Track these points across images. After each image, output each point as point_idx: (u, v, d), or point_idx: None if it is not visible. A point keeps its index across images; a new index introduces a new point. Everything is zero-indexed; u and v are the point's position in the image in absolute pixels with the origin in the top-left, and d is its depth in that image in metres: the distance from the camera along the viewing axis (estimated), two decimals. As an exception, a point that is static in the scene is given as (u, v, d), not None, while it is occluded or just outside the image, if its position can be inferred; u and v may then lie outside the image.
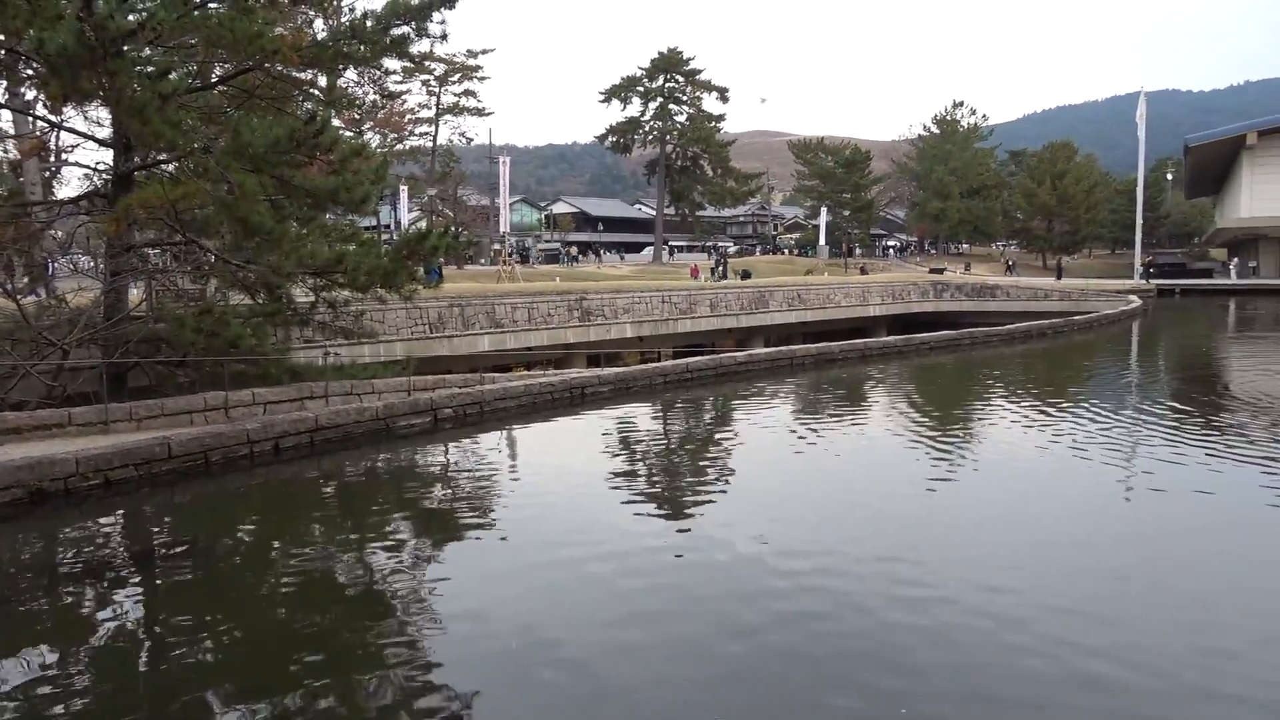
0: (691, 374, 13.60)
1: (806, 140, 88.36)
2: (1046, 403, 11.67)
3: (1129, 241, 57.79)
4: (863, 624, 4.55)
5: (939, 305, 39.12)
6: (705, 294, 30.19)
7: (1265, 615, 4.66)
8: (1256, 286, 46.39)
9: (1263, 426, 9.59)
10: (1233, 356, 18.71)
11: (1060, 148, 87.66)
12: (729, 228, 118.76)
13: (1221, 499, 6.88)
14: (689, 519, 6.56)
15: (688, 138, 66.02)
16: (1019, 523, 6.39)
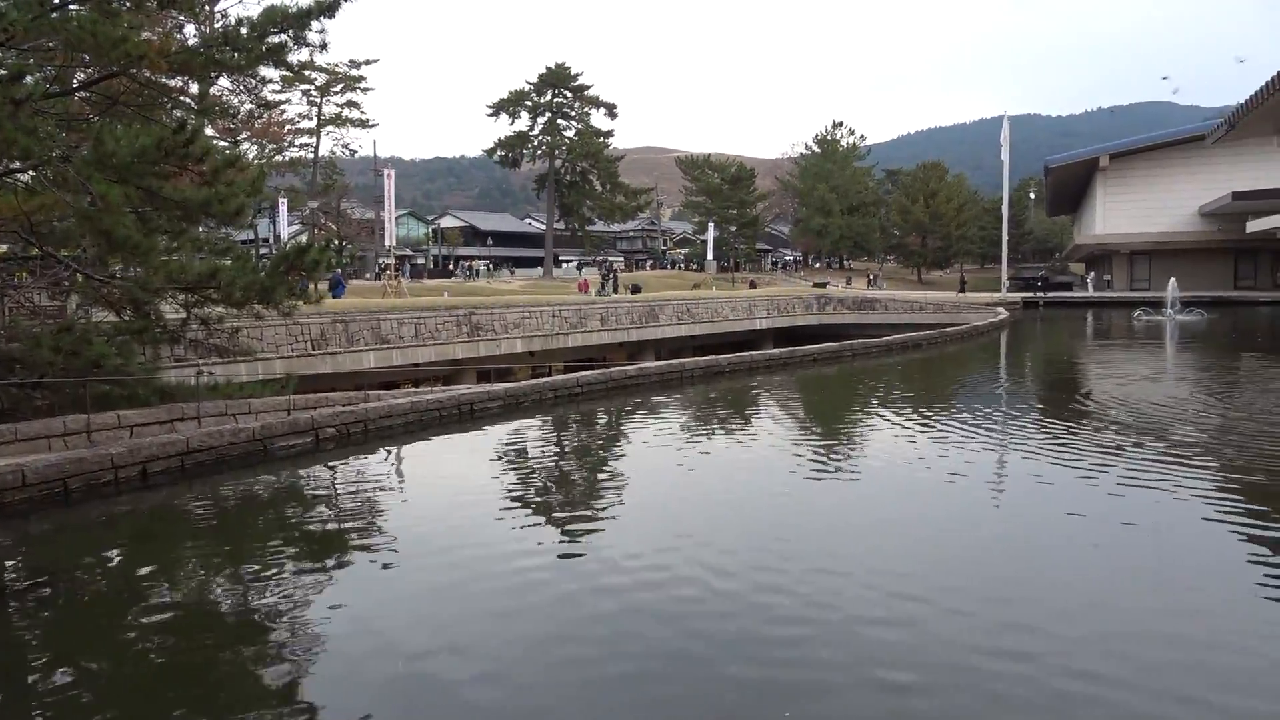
0: (582, 388, 13.60)
1: (694, 157, 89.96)
2: (924, 411, 12.17)
3: (997, 257, 60.93)
4: (755, 631, 4.62)
5: (822, 318, 40.32)
6: (596, 308, 30.26)
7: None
8: (1110, 299, 49.61)
9: (1116, 428, 10.24)
10: (1090, 364, 19.95)
11: (932, 167, 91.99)
12: (619, 242, 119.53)
13: (1083, 499, 7.31)
14: (581, 535, 6.54)
15: (577, 153, 66.24)
16: (902, 525, 6.62)
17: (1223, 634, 4.54)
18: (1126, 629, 4.61)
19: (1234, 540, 6.08)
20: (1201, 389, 13.83)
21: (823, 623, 4.70)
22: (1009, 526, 6.72)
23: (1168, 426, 10.25)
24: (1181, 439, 9.48)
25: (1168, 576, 5.48)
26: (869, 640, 4.51)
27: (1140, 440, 9.46)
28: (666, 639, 4.56)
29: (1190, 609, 4.94)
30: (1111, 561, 5.70)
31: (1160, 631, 4.64)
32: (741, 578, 5.41)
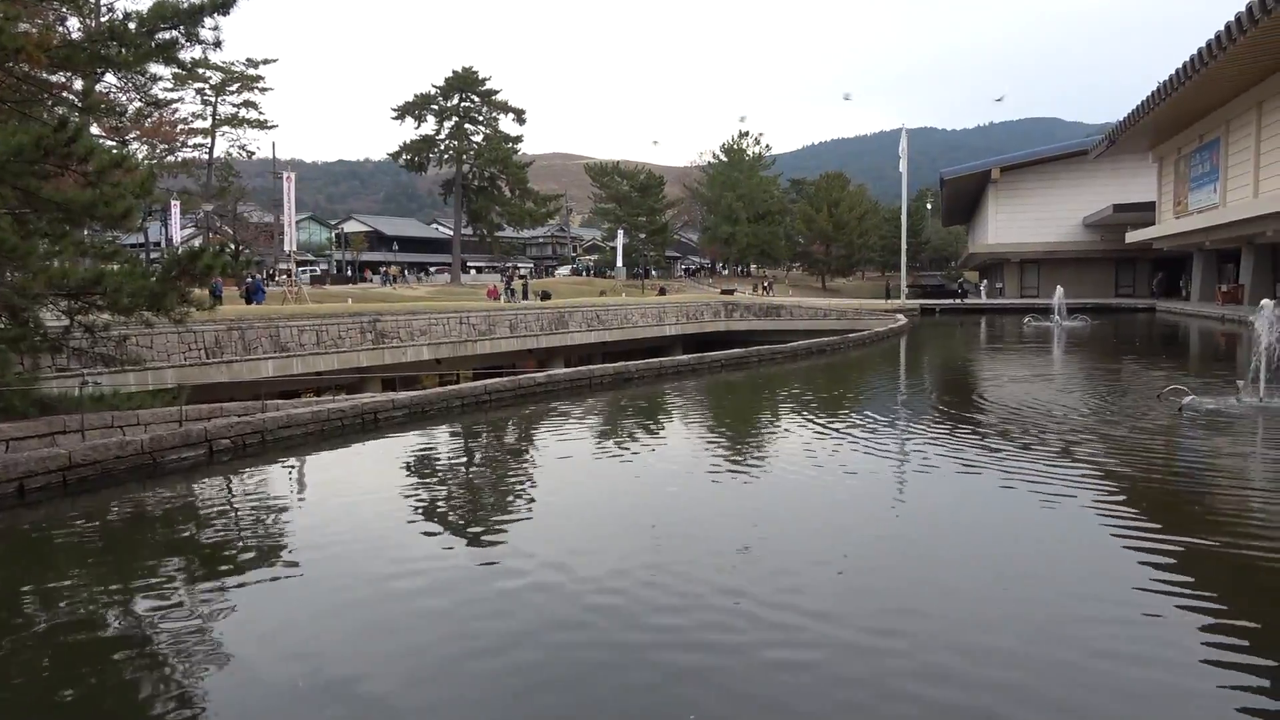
0: (490, 396, 13.46)
1: (603, 164, 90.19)
2: (828, 414, 12.44)
3: (897, 265, 62.88)
4: (666, 637, 4.64)
5: (730, 324, 40.88)
6: (505, 315, 30.00)
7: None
8: (1002, 305, 51.74)
9: (1007, 428, 10.67)
10: (983, 367, 20.76)
11: (835, 178, 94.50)
12: (528, 249, 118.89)
13: (981, 493, 7.59)
14: (491, 545, 6.46)
15: (485, 158, 65.64)
16: (810, 529, 6.75)
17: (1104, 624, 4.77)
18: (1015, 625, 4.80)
19: (1108, 534, 6.39)
20: (1083, 390, 14.54)
21: (729, 627, 4.75)
22: (907, 525, 6.92)
23: (1051, 426, 10.73)
24: (1062, 437, 9.94)
25: (1050, 570, 5.73)
26: (772, 642, 4.57)
27: (1025, 439, 9.88)
28: (577, 647, 4.54)
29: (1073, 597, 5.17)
30: (1001, 557, 5.94)
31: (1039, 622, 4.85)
32: (654, 583, 5.42)
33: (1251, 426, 10.52)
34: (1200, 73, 30.52)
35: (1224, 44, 27.24)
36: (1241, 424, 10.65)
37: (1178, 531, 6.36)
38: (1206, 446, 9.65)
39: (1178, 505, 7.35)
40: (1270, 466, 8.70)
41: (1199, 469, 8.68)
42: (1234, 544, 6.06)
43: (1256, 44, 27.06)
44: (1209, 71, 30.22)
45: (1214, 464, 8.88)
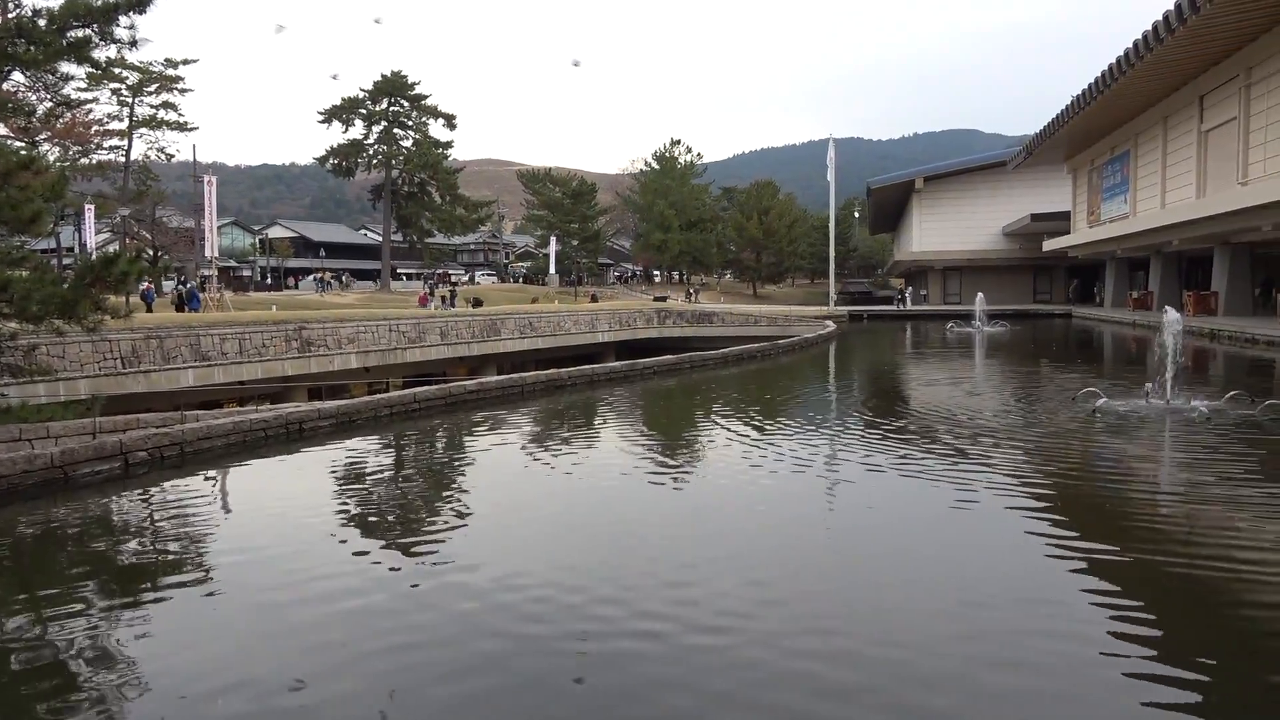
0: (420, 404, 13.28)
1: (535, 170, 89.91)
2: (759, 420, 12.60)
3: (826, 272, 64.01)
4: (601, 647, 4.64)
5: (663, 331, 41.08)
6: (435, 322, 29.65)
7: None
8: (926, 312, 53.07)
9: (930, 431, 10.95)
10: (909, 372, 21.28)
11: (765, 186, 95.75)
12: (460, 255, 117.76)
13: (903, 493, 7.77)
14: (420, 555, 6.37)
15: (414, 163, 64.79)
16: (740, 534, 6.82)
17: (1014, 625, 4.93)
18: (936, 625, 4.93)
19: (1022, 532, 6.60)
20: (1003, 393, 15.00)
21: (661, 635, 4.77)
22: (835, 529, 7.05)
23: (972, 428, 11.04)
24: (983, 439, 10.24)
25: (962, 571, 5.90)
26: (701, 650, 4.61)
27: (948, 441, 10.15)
28: (510, 658, 4.51)
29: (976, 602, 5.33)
30: (919, 555, 6.09)
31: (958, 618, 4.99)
32: (588, 591, 5.42)
33: (1159, 427, 10.98)
34: (1110, 89, 31.83)
35: (1131, 61, 28.47)
36: (1149, 425, 11.12)
37: (1085, 528, 6.62)
38: (1116, 447, 10.05)
39: (1087, 503, 7.63)
40: (1174, 467, 9.10)
41: (1109, 469, 9.03)
42: (1137, 540, 6.32)
43: (1161, 62, 28.34)
44: (1118, 88, 31.53)
45: (1122, 464, 9.26)
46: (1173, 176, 35.15)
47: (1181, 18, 23.68)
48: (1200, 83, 31.39)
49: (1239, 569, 5.65)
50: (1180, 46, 26.37)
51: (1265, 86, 26.98)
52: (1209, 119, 31.54)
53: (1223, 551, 6.04)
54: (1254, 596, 5.18)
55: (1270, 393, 13.96)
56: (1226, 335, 26.76)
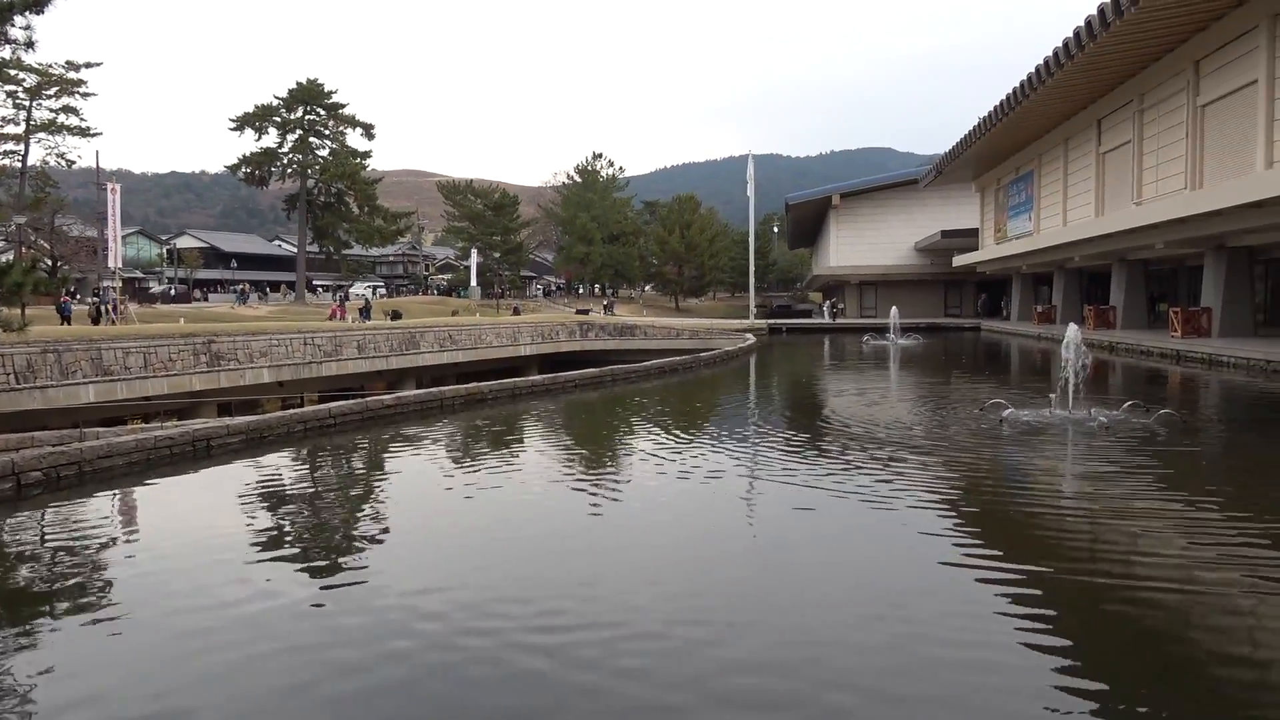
0: (335, 419, 12.97)
1: (456, 182, 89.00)
2: (681, 432, 12.68)
3: (746, 286, 64.88)
4: (519, 666, 4.58)
5: (585, 344, 41.01)
6: (353, 335, 29.01)
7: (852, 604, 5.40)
8: (843, 325, 54.20)
9: (846, 441, 11.18)
10: (826, 383, 21.70)
11: (686, 200, 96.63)
12: (379, 267, 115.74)
13: (819, 502, 7.90)
14: (335, 574, 6.21)
15: (331, 173, 63.42)
16: (667, 545, 6.84)
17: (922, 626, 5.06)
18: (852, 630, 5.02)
19: (932, 537, 6.79)
20: (915, 404, 15.42)
21: (583, 645, 4.75)
22: (754, 537, 7.12)
23: (886, 438, 11.32)
24: (895, 448, 10.51)
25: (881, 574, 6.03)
26: (629, 661, 4.60)
27: (863, 451, 10.38)
28: (423, 683, 4.42)
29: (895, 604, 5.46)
30: (831, 562, 6.21)
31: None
32: (504, 612, 5.35)
33: (1061, 436, 11.43)
34: (1013, 111, 33.12)
35: (1034, 85, 29.69)
36: (1053, 434, 11.56)
37: (990, 535, 6.85)
38: (1021, 456, 10.43)
39: (992, 510, 7.89)
40: (1075, 478, 9.49)
41: (1014, 478, 9.36)
42: (1040, 548, 6.56)
43: (1061, 86, 29.64)
44: (1021, 110, 32.84)
45: (1027, 473, 9.61)
46: (1073, 196, 36.75)
47: (1080, 45, 24.83)
48: (1098, 107, 32.94)
49: (1137, 576, 5.91)
50: (1079, 72, 27.64)
51: (1157, 112, 28.46)
52: (1106, 141, 33.10)
53: (1122, 558, 6.31)
54: (1149, 597, 5.42)
55: (1164, 402, 14.68)
56: (1124, 348, 28.05)
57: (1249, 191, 21.57)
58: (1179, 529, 6.99)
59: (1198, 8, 22.64)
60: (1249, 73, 22.64)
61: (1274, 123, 21.62)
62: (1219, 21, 23.59)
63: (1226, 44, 23.75)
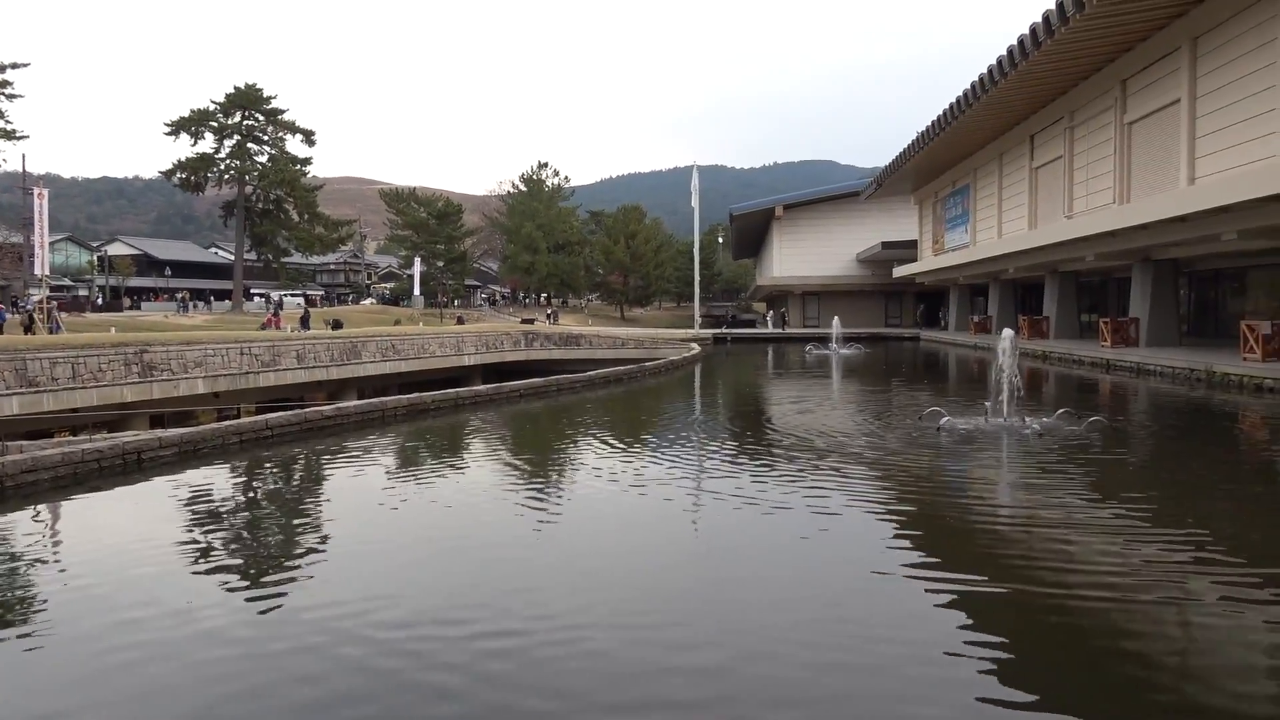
0: (272, 431, 12.69)
1: (399, 190, 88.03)
2: (625, 442, 12.68)
3: (691, 295, 65.26)
4: (465, 681, 4.52)
5: (530, 354, 40.84)
6: (292, 345, 28.46)
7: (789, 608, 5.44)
8: (788, 335, 54.82)
9: (790, 450, 11.29)
10: (770, 392, 21.90)
11: (632, 211, 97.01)
12: (319, 275, 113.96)
13: (764, 511, 7.96)
14: (274, 590, 6.05)
15: (270, 179, 62.28)
16: (613, 555, 6.82)
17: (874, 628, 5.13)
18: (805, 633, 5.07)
19: (881, 547, 6.90)
20: (856, 412, 15.64)
21: (530, 657, 4.71)
22: (698, 544, 7.14)
23: (827, 446, 11.46)
24: (836, 457, 10.65)
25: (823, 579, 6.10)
26: (569, 674, 4.57)
27: (805, 459, 10.49)
28: (372, 697, 4.34)
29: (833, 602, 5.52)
30: (775, 572, 6.26)
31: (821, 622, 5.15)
32: (451, 624, 5.28)
33: (996, 444, 11.70)
34: (950, 127, 33.93)
35: (969, 101, 30.46)
36: (988, 442, 11.82)
37: (928, 542, 6.97)
38: (958, 464, 10.65)
39: (930, 518, 8.03)
40: (1011, 486, 9.72)
41: (951, 485, 9.55)
42: (977, 556, 6.70)
43: (995, 103, 30.45)
44: (957, 126, 33.65)
45: (964, 480, 9.81)
46: (1008, 209, 37.74)
47: (1013, 62, 25.55)
48: (1031, 123, 33.91)
49: (1070, 582, 6.07)
50: (1012, 89, 28.44)
51: (1087, 128, 29.40)
52: (1039, 157, 34.07)
53: (1056, 563, 6.47)
54: (1080, 604, 5.56)
55: (1095, 410, 15.11)
56: (1056, 357, 28.85)
57: (1173, 206, 22.38)
58: (1106, 534, 7.19)
59: (1124, 29, 23.46)
60: (1172, 92, 23.52)
61: (1195, 140, 22.48)
62: (1144, 43, 24.49)
63: (1151, 64, 24.65)
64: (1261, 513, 8.04)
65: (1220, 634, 4.95)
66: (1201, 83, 22.16)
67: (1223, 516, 7.84)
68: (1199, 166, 22.35)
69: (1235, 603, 5.37)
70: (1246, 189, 19.04)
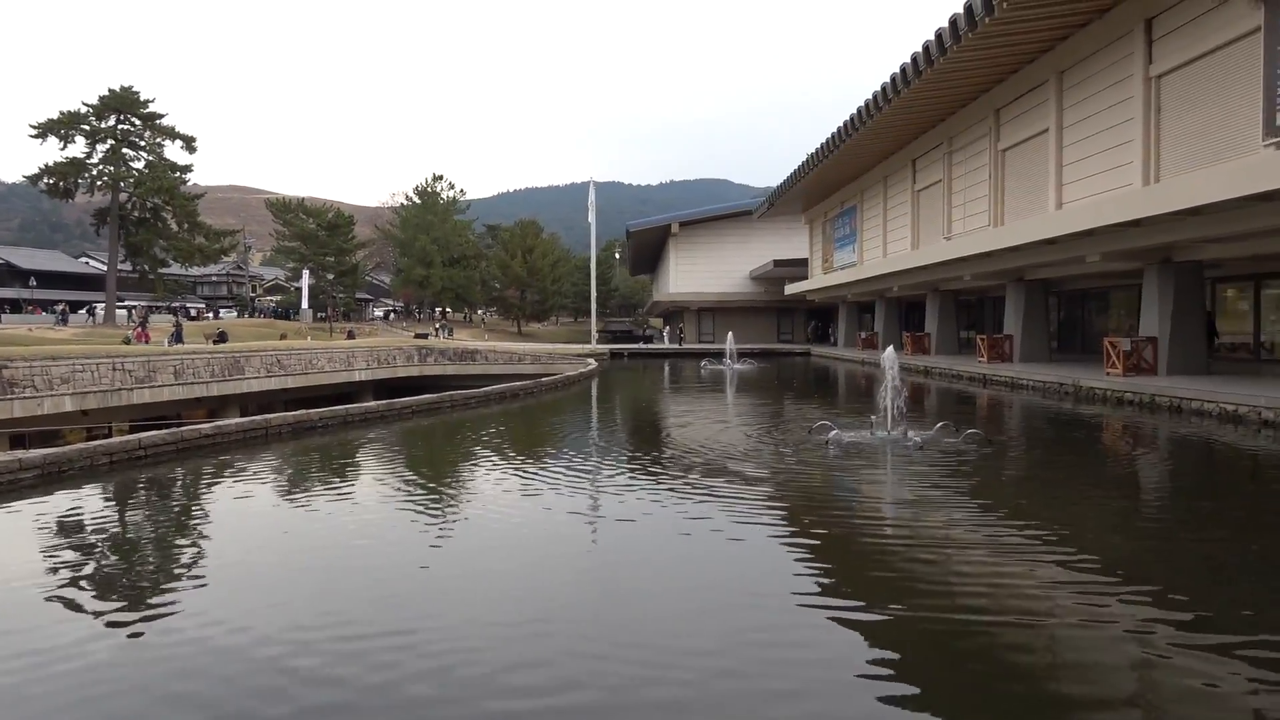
0: (146, 450, 12.07)
1: (286, 200, 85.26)
2: (521, 458, 12.57)
3: (589, 310, 65.35)
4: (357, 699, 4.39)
5: (424, 369, 40.11)
6: (169, 360, 27.16)
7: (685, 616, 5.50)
8: (683, 350, 55.45)
9: (686, 464, 11.42)
10: (665, 407, 22.09)
11: (529, 225, 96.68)
12: (200, 288, 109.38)
13: (660, 526, 8.02)
14: (148, 618, 5.74)
15: (147, 187, 59.43)
16: (506, 573, 6.73)
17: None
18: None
19: (781, 556, 7.04)
20: (750, 426, 15.95)
21: (424, 672, 4.61)
22: (594, 561, 7.14)
23: (720, 460, 11.65)
24: (729, 470, 10.83)
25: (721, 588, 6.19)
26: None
27: (699, 473, 10.64)
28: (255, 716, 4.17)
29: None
30: (687, 582, 6.32)
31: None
32: (331, 649, 5.12)
33: (880, 456, 12.11)
34: (838, 149, 35.12)
35: (855, 126, 31.59)
36: (873, 454, 12.24)
37: (817, 552, 7.16)
38: (845, 476, 10.98)
39: (818, 530, 8.25)
40: (892, 490, 10.08)
41: (838, 494, 9.84)
42: (865, 567, 6.92)
43: (880, 128, 31.68)
44: (845, 149, 34.86)
45: (852, 492, 10.13)
46: (892, 230, 39.25)
47: (896, 89, 26.65)
48: (913, 148, 35.41)
49: (953, 591, 6.33)
50: (895, 115, 29.66)
51: (964, 154, 30.89)
52: (920, 180, 35.59)
53: (939, 573, 6.74)
54: (962, 602, 5.81)
55: (971, 422, 15.82)
56: (938, 372, 30.09)
57: (1042, 230, 23.71)
58: (978, 546, 7.53)
59: (997, 62, 24.79)
60: (1041, 122, 24.97)
61: (1062, 168, 23.91)
62: (1015, 75, 25.93)
63: (1022, 95, 26.12)
64: (1122, 519, 8.58)
65: (1085, 643, 5.25)
66: (1067, 114, 23.61)
67: (1086, 523, 8.31)
68: (1066, 192, 23.77)
69: (1100, 608, 5.70)
70: (1107, 214, 20.35)
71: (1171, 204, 17.78)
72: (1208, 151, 18.14)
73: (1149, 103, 20.00)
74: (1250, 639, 5.06)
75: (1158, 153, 19.90)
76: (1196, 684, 4.50)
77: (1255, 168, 15.44)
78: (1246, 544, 7.39)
